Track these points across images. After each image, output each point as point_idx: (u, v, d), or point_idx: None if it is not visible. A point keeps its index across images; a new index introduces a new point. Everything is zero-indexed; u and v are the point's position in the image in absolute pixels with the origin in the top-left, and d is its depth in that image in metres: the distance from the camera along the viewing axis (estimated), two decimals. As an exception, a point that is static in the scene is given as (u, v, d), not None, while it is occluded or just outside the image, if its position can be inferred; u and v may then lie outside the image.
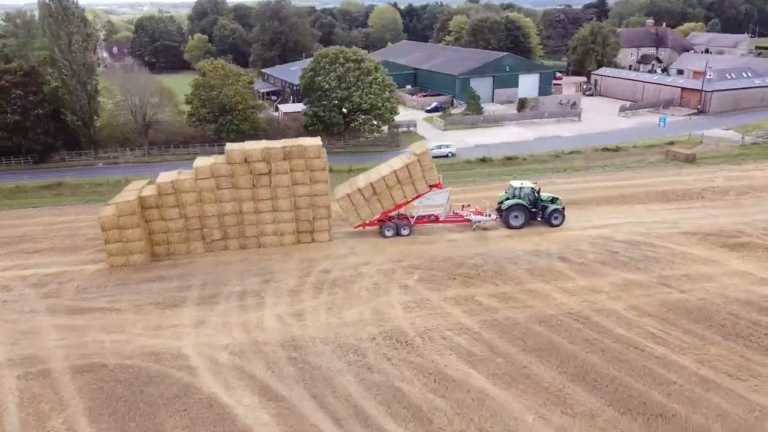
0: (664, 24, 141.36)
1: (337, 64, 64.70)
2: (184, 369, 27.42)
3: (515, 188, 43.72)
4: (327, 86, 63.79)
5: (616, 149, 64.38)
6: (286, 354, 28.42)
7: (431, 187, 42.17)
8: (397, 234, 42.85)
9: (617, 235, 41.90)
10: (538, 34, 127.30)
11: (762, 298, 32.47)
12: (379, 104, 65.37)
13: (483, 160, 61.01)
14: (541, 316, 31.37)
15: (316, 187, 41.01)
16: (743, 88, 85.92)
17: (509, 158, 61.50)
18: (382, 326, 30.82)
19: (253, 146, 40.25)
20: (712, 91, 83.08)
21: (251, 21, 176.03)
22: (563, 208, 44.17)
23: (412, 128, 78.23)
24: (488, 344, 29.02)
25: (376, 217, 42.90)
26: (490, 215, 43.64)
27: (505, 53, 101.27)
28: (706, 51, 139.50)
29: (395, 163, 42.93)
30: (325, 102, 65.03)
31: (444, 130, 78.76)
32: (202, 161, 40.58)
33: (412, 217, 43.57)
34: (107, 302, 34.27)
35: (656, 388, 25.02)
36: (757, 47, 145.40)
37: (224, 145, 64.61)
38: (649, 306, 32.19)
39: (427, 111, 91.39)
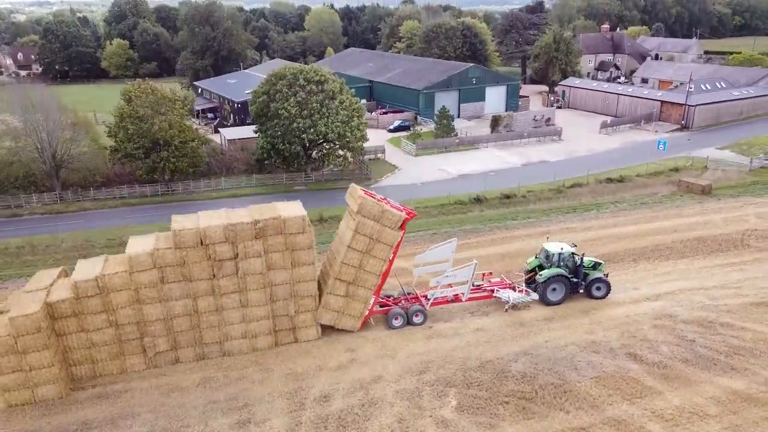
0: (618, 29, 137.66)
1: (297, 87, 53.54)
2: None
3: (553, 254, 34.43)
4: (286, 114, 52.43)
5: (621, 180, 56.60)
6: None
7: (402, 226, 30.87)
8: (408, 323, 32.62)
9: (680, 312, 33.40)
10: (492, 41, 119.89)
11: None
12: (348, 134, 54.65)
13: (478, 200, 51.57)
14: (653, 475, 22.11)
15: (299, 272, 30.17)
16: (724, 101, 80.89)
17: (507, 196, 52.36)
18: None
19: (211, 221, 28.88)
20: (696, 106, 77.43)
21: (176, 23, 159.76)
22: (607, 275, 35.38)
23: (380, 154, 68.05)
24: None
25: (373, 302, 32.40)
26: (528, 293, 34.05)
27: (471, 64, 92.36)
28: (657, 57, 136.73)
29: (345, 232, 31.53)
30: (282, 131, 53.63)
31: (416, 156, 69.08)
32: (138, 244, 28.87)
33: (427, 300, 33.45)
34: (0, 487, 22.36)
35: None
36: (705, 52, 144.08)
37: (157, 184, 52.31)
38: (784, 442, 23.64)
39: (390, 131, 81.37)
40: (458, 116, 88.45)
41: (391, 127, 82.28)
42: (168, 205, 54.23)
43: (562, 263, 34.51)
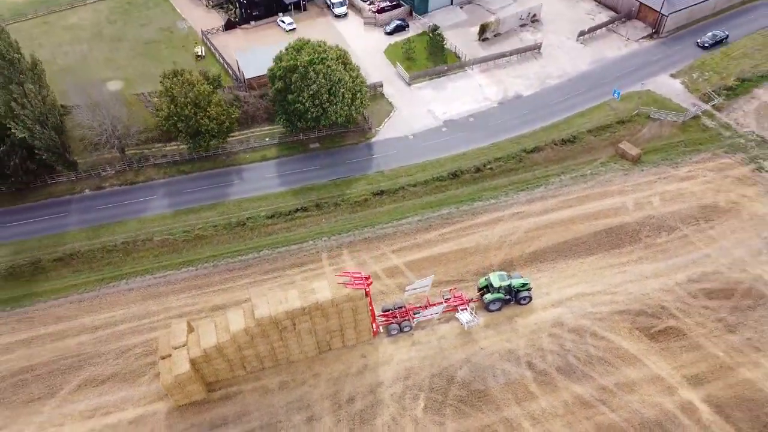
0: None
1: (309, 80, 63.69)
2: None
3: (496, 287, 52.74)
4: (301, 107, 64.16)
5: (573, 140, 69.99)
6: None
7: (366, 293, 48.59)
8: (401, 331, 52.73)
9: (569, 320, 52.86)
10: None
11: (666, 418, 46.24)
12: (353, 113, 66.85)
13: (455, 175, 66.60)
14: (516, 460, 44.84)
15: (331, 322, 49.52)
16: (698, 3, 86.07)
17: (479, 170, 67.05)
18: (407, 482, 43.86)
19: (278, 308, 47.22)
20: (668, 14, 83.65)
21: None
22: (530, 289, 54.12)
23: (379, 88, 78.56)
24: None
25: (375, 323, 52.03)
26: (475, 316, 53.13)
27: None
28: None
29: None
30: (299, 116, 66.14)
31: (410, 84, 79.63)
32: (236, 319, 47.80)
33: (414, 315, 52.75)
34: (197, 464, 45.47)
35: None
36: None
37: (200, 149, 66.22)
38: (589, 437, 45.82)
39: (388, 33, 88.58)
40: (452, 2, 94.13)
41: (388, 29, 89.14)
42: (214, 172, 69.27)
43: (501, 290, 53.19)
